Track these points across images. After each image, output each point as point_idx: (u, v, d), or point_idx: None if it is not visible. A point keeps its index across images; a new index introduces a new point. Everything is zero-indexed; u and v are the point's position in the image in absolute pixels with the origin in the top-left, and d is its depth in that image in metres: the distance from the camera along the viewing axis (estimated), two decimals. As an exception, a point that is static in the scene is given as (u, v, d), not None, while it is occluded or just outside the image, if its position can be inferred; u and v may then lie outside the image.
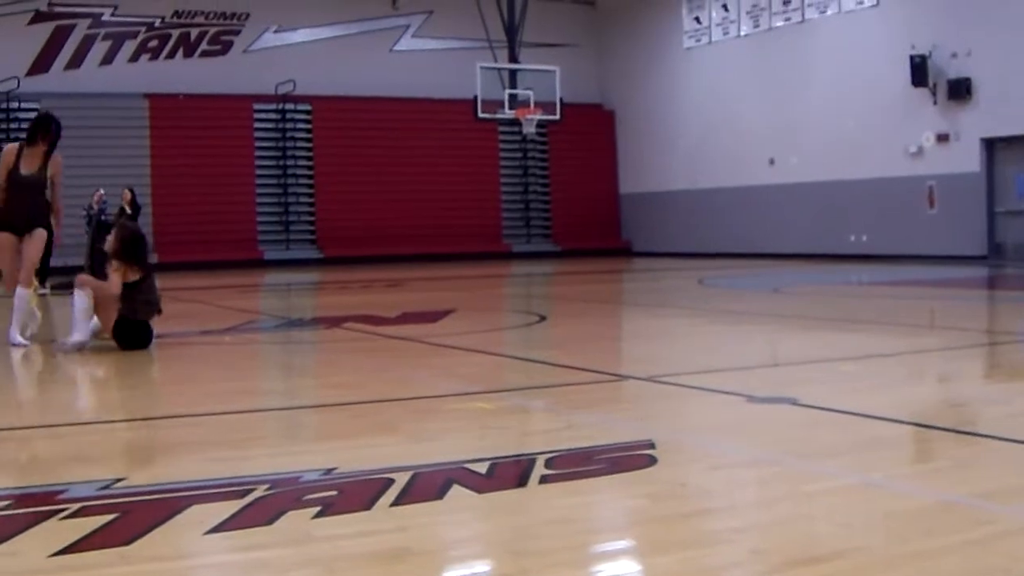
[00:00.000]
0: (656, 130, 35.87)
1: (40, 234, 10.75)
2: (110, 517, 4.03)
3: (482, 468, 4.80)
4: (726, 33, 33.23)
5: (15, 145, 10.86)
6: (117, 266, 10.29)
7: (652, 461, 4.90)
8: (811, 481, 4.63)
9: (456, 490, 4.42)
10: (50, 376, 9.08)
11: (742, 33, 32.66)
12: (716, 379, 7.65)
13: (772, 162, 31.44)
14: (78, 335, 9.97)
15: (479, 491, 4.46)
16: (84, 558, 3.59)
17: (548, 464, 4.84)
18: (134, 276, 10.28)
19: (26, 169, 10.63)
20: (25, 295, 10.59)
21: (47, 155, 10.72)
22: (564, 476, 4.68)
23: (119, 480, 4.63)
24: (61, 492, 4.40)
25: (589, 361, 8.93)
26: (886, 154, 27.80)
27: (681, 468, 4.89)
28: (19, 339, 10.39)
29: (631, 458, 4.97)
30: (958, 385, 7.80)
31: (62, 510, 4.13)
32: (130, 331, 10.12)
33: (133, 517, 4.07)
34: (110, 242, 10.53)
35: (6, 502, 4.29)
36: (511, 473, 4.75)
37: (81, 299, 10.01)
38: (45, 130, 10.73)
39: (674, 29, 35.12)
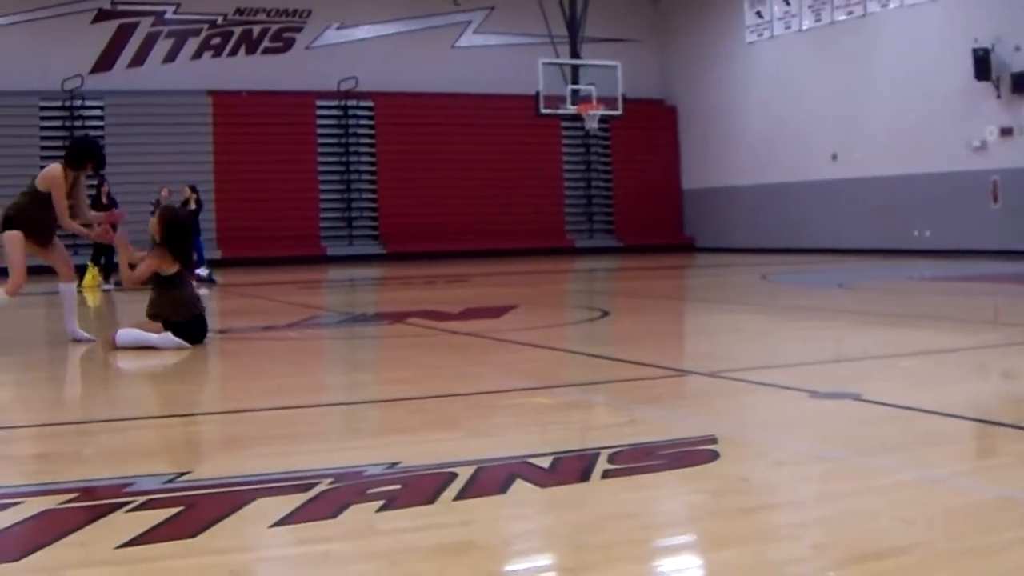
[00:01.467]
0: (718, 125, 35.74)
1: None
2: (176, 510, 4.07)
3: (545, 463, 4.80)
4: (788, 27, 33.04)
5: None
6: (157, 252, 9.86)
7: (714, 456, 4.89)
8: (873, 477, 4.60)
9: (519, 484, 4.43)
10: (113, 371, 9.14)
11: (804, 27, 32.45)
12: (779, 375, 7.62)
13: (835, 157, 31.24)
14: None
15: (542, 485, 4.46)
16: (150, 550, 3.63)
17: (611, 459, 4.84)
18: (170, 269, 9.88)
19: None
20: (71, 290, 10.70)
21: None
22: (627, 471, 4.67)
23: (184, 474, 4.67)
24: (127, 485, 4.44)
25: (651, 356, 8.93)
26: (949, 148, 27.54)
27: (743, 463, 4.87)
28: (82, 334, 10.48)
29: (693, 453, 4.96)
30: (1021, 381, 7.73)
31: (128, 503, 4.17)
32: (176, 330, 9.71)
33: (198, 510, 4.10)
34: (153, 223, 10.15)
35: (73, 495, 4.35)
36: (574, 468, 4.75)
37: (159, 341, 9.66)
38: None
39: (736, 23, 34.99)
